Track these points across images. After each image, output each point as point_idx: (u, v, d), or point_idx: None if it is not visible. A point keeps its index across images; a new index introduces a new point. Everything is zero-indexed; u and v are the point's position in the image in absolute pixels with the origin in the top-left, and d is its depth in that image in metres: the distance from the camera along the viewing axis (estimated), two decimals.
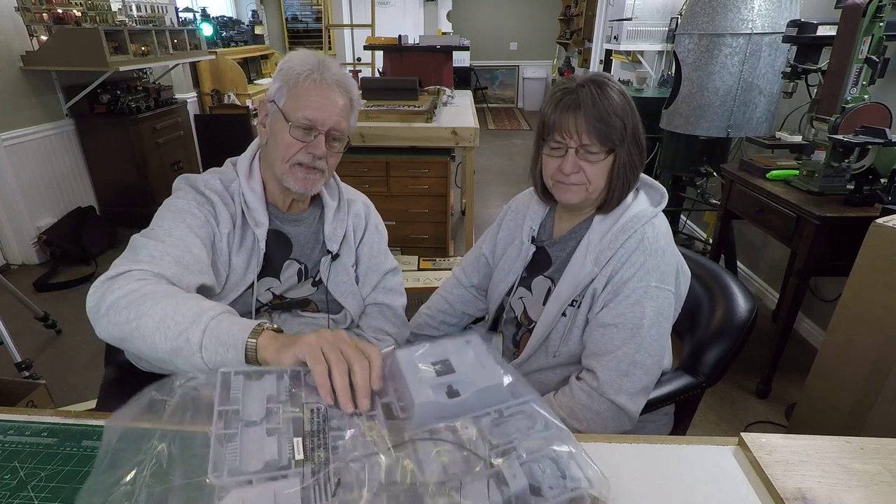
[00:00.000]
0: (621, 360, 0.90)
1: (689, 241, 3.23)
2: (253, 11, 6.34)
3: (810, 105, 1.90)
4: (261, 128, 1.00)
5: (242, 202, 0.98)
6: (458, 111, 3.01)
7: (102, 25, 3.13)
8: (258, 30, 6.23)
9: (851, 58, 1.68)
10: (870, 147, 1.59)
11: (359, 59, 6.29)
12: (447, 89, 3.49)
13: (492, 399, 0.57)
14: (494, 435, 0.54)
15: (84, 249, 3.05)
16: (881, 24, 1.62)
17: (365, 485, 0.48)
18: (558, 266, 1.03)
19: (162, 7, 4.12)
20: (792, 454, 0.65)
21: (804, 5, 2.31)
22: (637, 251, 0.92)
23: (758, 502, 0.61)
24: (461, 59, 7.38)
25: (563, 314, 0.98)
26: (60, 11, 3.12)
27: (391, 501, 0.47)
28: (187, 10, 5.06)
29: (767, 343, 2.14)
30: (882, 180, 1.62)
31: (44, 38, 3.03)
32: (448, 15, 7.84)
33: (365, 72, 5.65)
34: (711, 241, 2.48)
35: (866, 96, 1.72)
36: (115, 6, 3.56)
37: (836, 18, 1.75)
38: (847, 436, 0.68)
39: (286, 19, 6.79)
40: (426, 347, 0.63)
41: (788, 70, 1.99)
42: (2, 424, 0.72)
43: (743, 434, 0.68)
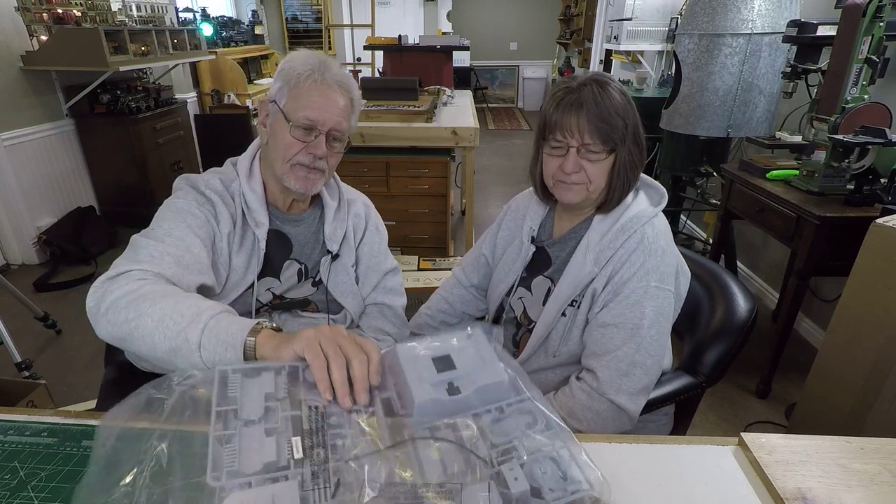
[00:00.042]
0: (621, 360, 0.90)
1: (689, 241, 3.23)
2: (253, 11, 6.34)
3: (810, 105, 1.90)
4: (261, 128, 1.00)
5: (243, 202, 0.98)
6: (458, 111, 3.01)
7: (102, 25, 3.13)
8: (258, 30, 6.23)
9: (851, 58, 1.68)
10: (870, 147, 1.59)
11: (359, 59, 6.29)
12: (447, 89, 3.49)
13: (493, 396, 0.57)
14: (495, 433, 0.54)
15: (84, 249, 3.05)
16: (881, 24, 1.62)
17: (364, 486, 0.47)
18: (558, 266, 1.03)
19: (162, 7, 4.12)
20: (792, 454, 0.65)
21: (804, 5, 2.31)
22: (637, 251, 0.92)
23: (758, 502, 0.61)
24: (461, 59, 7.38)
25: (563, 314, 0.98)
26: (60, 11, 3.12)
27: (391, 503, 0.47)
28: (187, 10, 5.06)
29: (767, 343, 2.14)
30: (882, 180, 1.62)
31: (44, 38, 3.03)
32: (448, 15, 7.84)
33: (365, 72, 5.65)
34: (711, 241, 2.48)
35: (866, 96, 1.72)
36: (115, 6, 3.56)
37: (836, 18, 1.75)
38: (847, 436, 0.68)
39: (286, 19, 6.79)
40: (427, 342, 0.62)
41: (788, 70, 1.99)
42: (2, 424, 0.72)
43: (743, 434, 0.68)
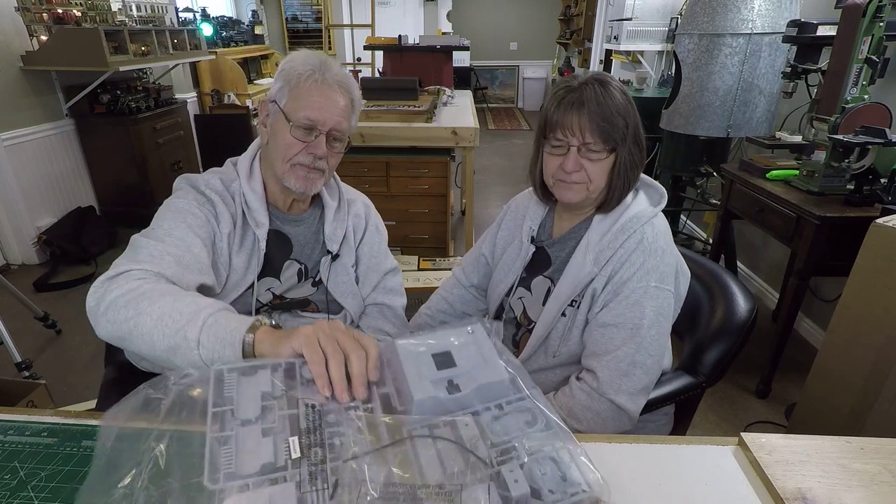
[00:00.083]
0: (621, 360, 0.90)
1: (689, 241, 3.23)
2: (253, 11, 6.34)
3: (810, 105, 1.90)
4: (262, 128, 1.00)
5: (243, 202, 0.98)
6: (458, 111, 3.01)
7: (102, 25, 3.13)
8: (258, 30, 6.23)
9: (851, 58, 1.68)
10: (870, 147, 1.59)
11: (359, 59, 6.29)
12: (447, 89, 3.49)
13: (492, 394, 0.57)
14: (494, 431, 0.53)
15: (84, 249, 3.05)
16: (881, 24, 1.62)
17: (363, 487, 0.47)
18: (558, 266, 1.03)
19: (162, 7, 4.12)
20: (792, 454, 0.65)
21: (804, 5, 2.31)
22: (637, 251, 0.92)
23: (758, 502, 0.61)
24: (461, 59, 7.38)
25: (563, 314, 0.98)
26: (60, 11, 3.12)
27: None
28: (187, 10, 5.06)
29: (767, 343, 2.14)
30: (882, 180, 1.62)
31: (44, 38, 3.03)
32: (448, 15, 7.84)
33: (365, 72, 5.65)
34: (711, 241, 2.48)
35: (866, 96, 1.72)
36: (115, 6, 3.56)
37: (836, 18, 1.75)
38: (847, 436, 0.68)
39: (286, 19, 6.79)
40: (427, 338, 0.62)
41: (788, 70, 1.99)
42: (2, 424, 0.72)
43: (743, 434, 0.68)
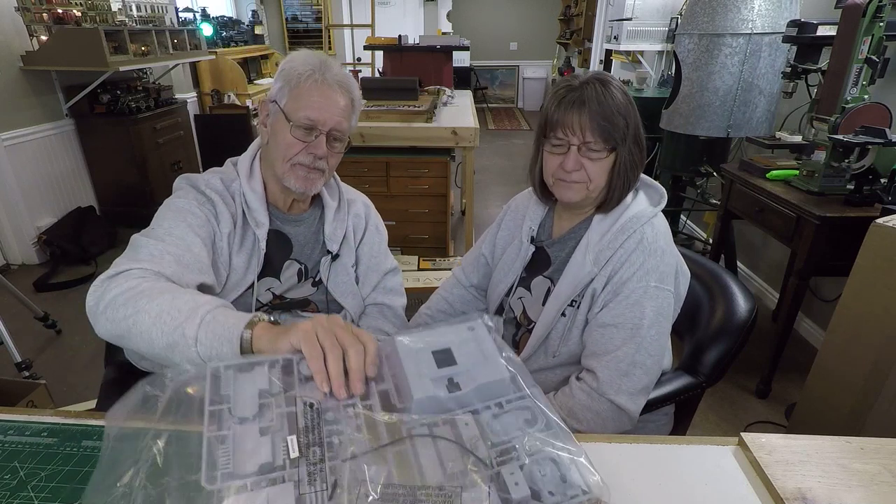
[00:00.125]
0: (621, 361, 0.90)
1: (689, 241, 3.23)
2: (253, 11, 6.34)
3: (810, 105, 1.90)
4: (262, 128, 1.00)
5: (243, 202, 0.98)
6: (458, 111, 3.01)
7: (102, 25, 3.12)
8: (258, 30, 6.23)
9: (851, 58, 1.68)
10: (870, 147, 1.59)
11: (359, 59, 6.29)
12: (447, 89, 3.49)
13: (493, 393, 0.56)
14: (494, 431, 0.53)
15: (84, 249, 3.05)
16: (881, 24, 1.62)
17: (361, 487, 0.47)
18: (557, 266, 1.03)
19: (162, 7, 4.12)
20: (792, 454, 0.65)
21: (804, 5, 2.31)
22: (636, 251, 0.92)
23: (758, 502, 0.61)
24: (461, 59, 7.38)
25: (563, 314, 0.98)
26: (60, 11, 3.12)
27: None
28: (187, 10, 5.06)
29: (767, 343, 2.14)
30: (882, 180, 1.62)
31: (44, 38, 3.03)
32: (448, 15, 7.84)
33: (365, 72, 5.65)
34: (711, 241, 2.48)
35: (866, 96, 1.72)
36: (115, 6, 3.56)
37: (836, 18, 1.75)
38: (847, 436, 0.68)
39: (286, 19, 6.79)
40: (427, 334, 0.61)
41: (788, 70, 1.99)
42: (2, 424, 0.72)
43: (743, 434, 0.68)
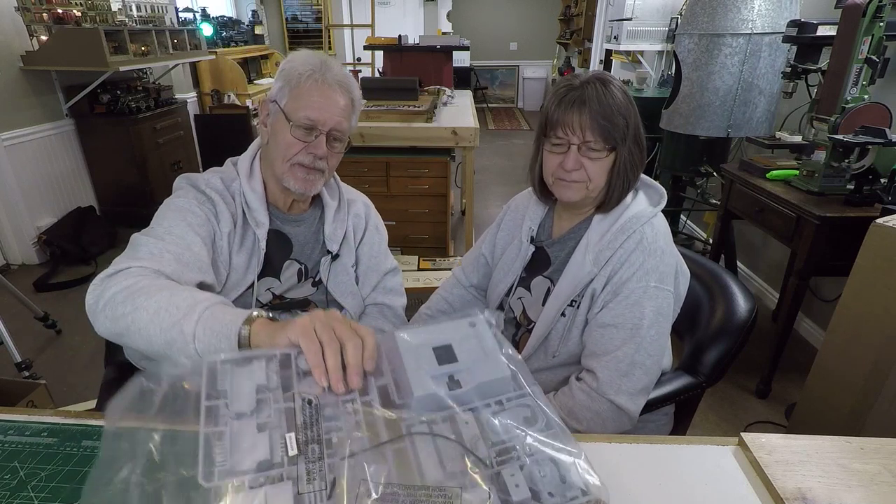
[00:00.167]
0: (621, 361, 0.90)
1: (689, 241, 3.23)
2: (253, 11, 6.34)
3: (810, 105, 1.90)
4: (262, 127, 1.00)
5: (243, 202, 0.98)
6: (458, 111, 3.01)
7: (102, 25, 3.13)
8: (258, 30, 6.23)
9: (851, 58, 1.68)
10: (870, 147, 1.59)
11: (359, 59, 6.29)
12: (447, 89, 3.49)
13: (493, 391, 0.56)
14: (494, 430, 0.53)
15: (84, 249, 3.05)
16: (881, 24, 1.62)
17: (361, 485, 0.47)
18: (557, 266, 1.03)
19: (162, 7, 4.12)
20: (792, 454, 0.65)
21: (804, 5, 2.31)
22: (636, 251, 0.92)
23: (758, 502, 0.61)
24: (461, 59, 7.38)
25: (563, 314, 0.98)
26: (60, 11, 3.12)
27: None
28: (187, 10, 5.06)
29: (767, 343, 2.14)
30: (882, 180, 1.62)
31: (44, 38, 3.03)
32: (448, 15, 7.84)
33: (365, 72, 5.65)
34: (711, 241, 2.48)
35: (866, 96, 1.72)
36: (115, 6, 3.56)
37: (836, 18, 1.75)
38: (847, 436, 0.68)
39: (286, 19, 6.79)
40: (428, 330, 0.60)
41: (788, 70, 1.99)
42: (2, 424, 0.72)
43: (743, 434, 0.68)
